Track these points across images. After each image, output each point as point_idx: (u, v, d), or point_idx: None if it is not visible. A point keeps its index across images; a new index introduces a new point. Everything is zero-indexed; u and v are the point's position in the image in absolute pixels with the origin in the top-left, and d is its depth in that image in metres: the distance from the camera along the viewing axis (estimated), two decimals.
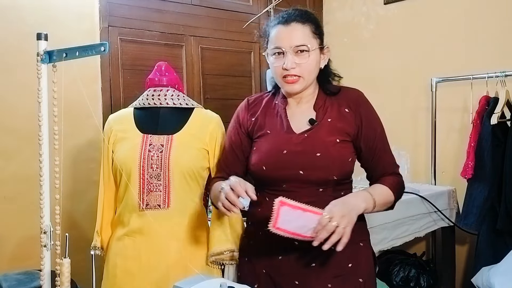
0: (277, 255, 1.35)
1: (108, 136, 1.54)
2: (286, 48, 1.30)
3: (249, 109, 1.45)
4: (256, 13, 2.96)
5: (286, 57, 1.30)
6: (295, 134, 1.34)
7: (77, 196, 2.32)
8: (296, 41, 1.30)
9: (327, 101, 1.39)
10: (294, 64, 1.30)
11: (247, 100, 1.48)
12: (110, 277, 1.52)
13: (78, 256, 1.42)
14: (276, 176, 1.32)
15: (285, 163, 1.31)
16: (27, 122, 2.09)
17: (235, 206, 1.18)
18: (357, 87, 1.52)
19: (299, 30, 1.32)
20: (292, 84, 1.32)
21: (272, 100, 1.44)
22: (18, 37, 2.16)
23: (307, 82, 1.34)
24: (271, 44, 1.34)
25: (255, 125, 1.41)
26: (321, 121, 1.35)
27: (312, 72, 1.34)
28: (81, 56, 1.00)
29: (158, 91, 1.54)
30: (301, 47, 1.30)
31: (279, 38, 1.32)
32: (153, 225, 1.43)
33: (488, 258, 2.27)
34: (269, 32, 1.37)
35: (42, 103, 1.03)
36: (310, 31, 1.33)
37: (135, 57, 2.53)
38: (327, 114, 1.36)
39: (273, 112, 1.41)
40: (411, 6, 2.94)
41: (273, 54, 1.33)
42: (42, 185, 1.04)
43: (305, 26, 1.33)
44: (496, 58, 2.54)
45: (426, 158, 2.78)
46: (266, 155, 1.34)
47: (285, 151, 1.32)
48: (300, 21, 1.32)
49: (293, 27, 1.32)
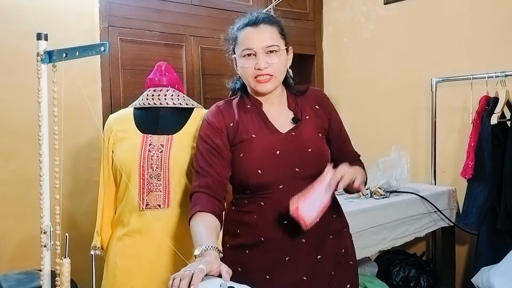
0: (284, 256, 1.33)
1: (108, 136, 1.54)
2: (257, 48, 1.32)
3: (223, 116, 1.39)
4: None
5: (258, 58, 1.31)
6: (282, 134, 1.36)
7: (77, 196, 2.32)
8: (266, 41, 1.33)
9: (297, 100, 1.43)
10: (267, 64, 1.32)
11: (217, 107, 1.43)
12: (110, 277, 1.52)
13: (78, 256, 1.42)
14: (273, 177, 1.32)
15: (281, 163, 1.32)
16: (27, 122, 2.09)
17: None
18: (357, 87, 1.53)
19: (268, 31, 1.34)
20: (265, 83, 1.34)
21: (243, 104, 1.42)
22: (18, 37, 2.16)
23: (278, 81, 1.38)
24: (240, 46, 1.36)
25: (236, 131, 1.36)
26: (302, 119, 1.39)
27: (282, 72, 1.38)
28: (81, 56, 1.00)
29: (158, 91, 1.54)
30: (272, 47, 1.33)
31: (249, 40, 1.33)
32: (153, 225, 1.43)
33: (488, 258, 2.27)
34: (236, 35, 1.38)
35: (42, 103, 1.03)
36: (277, 32, 1.36)
37: (135, 57, 2.53)
38: (303, 112, 1.41)
39: (250, 115, 1.39)
40: (411, 6, 2.94)
41: (243, 56, 1.34)
42: (42, 185, 1.04)
43: (273, 27, 1.36)
44: (496, 58, 2.54)
45: (426, 158, 2.78)
46: (260, 159, 1.32)
47: (278, 152, 1.33)
48: (268, 23, 1.36)
49: (262, 28, 1.34)
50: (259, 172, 1.32)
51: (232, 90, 1.49)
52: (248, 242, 1.36)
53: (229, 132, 1.37)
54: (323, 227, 1.32)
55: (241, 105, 1.42)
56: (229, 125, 1.37)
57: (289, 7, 3.12)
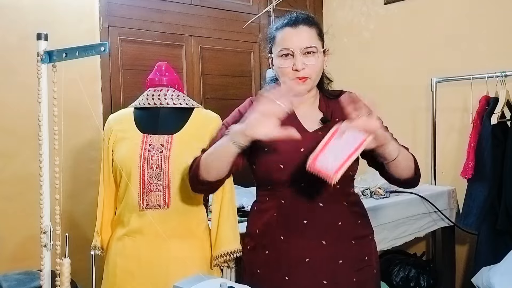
0: (304, 258, 1.33)
1: (108, 136, 1.54)
2: (295, 49, 1.31)
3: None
4: (256, 13, 2.96)
5: (296, 58, 1.31)
6: (309, 133, 1.35)
7: (77, 196, 2.32)
8: (305, 42, 1.32)
9: (329, 103, 1.42)
10: (304, 65, 1.31)
11: (250, 101, 1.45)
12: (110, 277, 1.52)
13: (78, 256, 1.42)
14: (294, 174, 1.31)
15: (304, 160, 1.28)
16: (27, 122, 2.09)
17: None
18: (357, 87, 1.52)
19: (307, 32, 1.34)
20: (301, 84, 1.34)
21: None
22: (18, 37, 2.16)
23: (314, 83, 1.37)
24: (278, 46, 1.35)
25: None
26: (331, 120, 1.38)
27: (319, 74, 1.37)
28: (81, 56, 1.00)
29: (158, 91, 1.54)
30: (310, 48, 1.33)
31: (288, 40, 1.33)
32: (153, 225, 1.43)
33: (488, 258, 2.27)
34: (275, 35, 1.38)
35: (42, 103, 1.03)
36: (316, 33, 1.37)
37: (135, 57, 2.53)
38: (334, 114, 1.39)
39: None
40: (411, 6, 2.94)
41: (281, 55, 1.34)
42: (42, 185, 1.04)
43: (312, 29, 1.36)
44: (496, 58, 2.54)
45: (426, 158, 2.78)
46: (284, 154, 1.32)
47: (303, 149, 1.31)
48: (307, 24, 1.35)
49: (301, 29, 1.34)
50: (281, 167, 1.32)
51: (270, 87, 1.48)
52: (267, 242, 1.36)
53: None
54: (345, 231, 1.32)
55: None
56: None
57: (289, 7, 3.11)
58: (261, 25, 3.02)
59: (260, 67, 3.03)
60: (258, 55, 3.01)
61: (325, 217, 1.33)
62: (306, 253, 1.32)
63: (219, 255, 1.49)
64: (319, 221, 1.33)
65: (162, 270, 1.45)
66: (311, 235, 1.31)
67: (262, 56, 3.04)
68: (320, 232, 1.32)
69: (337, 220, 1.34)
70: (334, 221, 1.34)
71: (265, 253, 1.37)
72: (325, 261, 1.32)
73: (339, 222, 1.34)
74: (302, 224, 1.31)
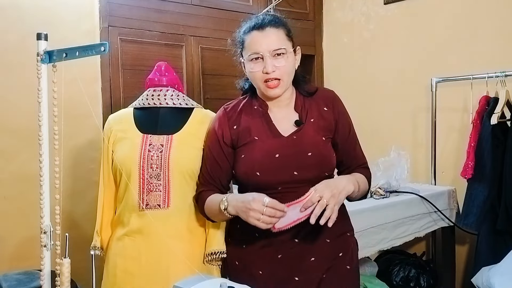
0: (277, 254, 1.36)
1: (108, 136, 1.54)
2: (264, 52, 1.32)
3: (228, 120, 1.44)
4: (256, 13, 2.95)
5: (266, 61, 1.32)
6: (284, 137, 1.38)
7: (77, 196, 2.32)
8: (273, 45, 1.33)
9: (305, 102, 1.43)
10: (274, 67, 1.32)
11: (224, 110, 1.47)
12: (110, 277, 1.52)
13: (78, 256, 1.42)
14: (271, 180, 1.34)
15: (279, 166, 1.34)
16: (27, 122, 2.09)
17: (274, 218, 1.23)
18: (357, 87, 1.53)
19: (274, 34, 1.34)
20: (274, 88, 1.35)
21: (250, 105, 1.45)
22: (18, 37, 2.16)
23: (287, 85, 1.38)
24: (247, 50, 1.37)
25: (239, 133, 1.41)
26: (305, 122, 1.39)
27: (290, 74, 1.38)
28: (81, 56, 1.00)
29: (158, 91, 1.54)
30: (279, 50, 1.33)
31: (256, 43, 1.34)
32: (153, 225, 1.43)
33: (488, 258, 2.27)
34: (243, 39, 1.39)
35: (42, 103, 1.03)
36: (284, 34, 1.36)
37: (135, 57, 2.53)
38: (309, 114, 1.40)
39: (255, 117, 1.42)
40: (411, 6, 2.94)
41: (251, 60, 1.35)
42: (42, 185, 1.04)
43: (279, 30, 1.36)
44: (496, 58, 2.54)
45: (426, 158, 2.78)
46: (259, 161, 1.35)
47: (277, 155, 1.35)
48: (274, 25, 1.35)
49: (268, 31, 1.34)
50: (257, 174, 1.35)
51: (241, 90, 1.52)
52: (244, 237, 1.41)
53: (232, 136, 1.41)
54: (319, 230, 1.32)
55: (248, 106, 1.45)
56: (233, 127, 1.42)
57: (289, 7, 3.12)
58: None
59: None
60: None
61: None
62: (279, 251, 1.36)
63: (208, 253, 1.50)
64: None
65: (162, 270, 1.45)
66: (285, 234, 1.32)
67: None
68: (293, 231, 1.33)
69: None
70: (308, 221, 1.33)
71: (242, 247, 1.43)
72: (297, 258, 1.36)
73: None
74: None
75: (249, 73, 1.38)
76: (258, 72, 1.34)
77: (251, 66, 1.36)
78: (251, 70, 1.36)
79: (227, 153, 1.42)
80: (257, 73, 1.34)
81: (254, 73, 1.35)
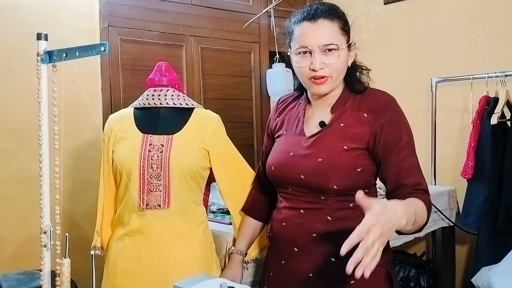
0: (294, 248, 1.30)
1: (108, 136, 1.54)
2: (313, 47, 1.20)
3: (277, 109, 1.45)
4: (256, 13, 2.96)
5: (314, 57, 1.20)
6: (305, 137, 1.29)
7: (77, 196, 2.32)
8: (324, 39, 1.20)
9: (348, 102, 1.29)
10: (323, 64, 1.20)
11: (278, 100, 1.48)
12: (110, 277, 1.52)
13: (78, 256, 1.42)
14: (282, 178, 1.32)
15: (290, 165, 1.28)
16: (27, 122, 2.09)
17: None
18: None
19: (327, 27, 1.21)
20: (320, 85, 1.23)
21: (298, 99, 1.40)
22: (18, 37, 2.16)
23: (336, 83, 1.26)
24: (295, 42, 1.24)
25: (277, 125, 1.41)
26: (331, 125, 1.26)
27: (341, 72, 1.26)
28: (81, 56, 1.00)
29: (158, 91, 1.54)
30: (330, 46, 1.21)
31: (305, 36, 1.21)
32: (153, 225, 1.43)
33: (488, 258, 2.27)
34: (293, 29, 1.26)
35: (42, 103, 1.03)
36: (338, 28, 1.24)
37: (135, 57, 2.53)
38: (342, 117, 1.26)
39: (294, 112, 1.38)
40: (411, 6, 2.94)
41: (298, 53, 1.23)
42: (42, 185, 1.04)
43: (333, 23, 1.23)
44: (496, 58, 2.54)
45: (426, 158, 2.78)
46: (276, 156, 1.34)
47: (292, 154, 1.29)
48: (328, 18, 1.22)
49: (320, 24, 1.21)
50: (272, 168, 1.35)
51: (296, 85, 1.42)
52: (272, 232, 1.40)
53: (273, 126, 1.44)
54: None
55: (295, 100, 1.43)
56: (276, 119, 1.43)
57: (289, 7, 3.11)
58: (261, 25, 3.02)
59: (260, 67, 3.03)
60: (258, 55, 3.01)
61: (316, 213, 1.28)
62: (296, 245, 1.29)
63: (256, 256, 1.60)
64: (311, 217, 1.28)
65: (162, 270, 1.45)
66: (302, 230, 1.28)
67: (262, 56, 3.04)
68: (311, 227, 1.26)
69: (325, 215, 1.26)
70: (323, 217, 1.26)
71: (269, 236, 1.45)
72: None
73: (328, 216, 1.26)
74: (294, 222, 1.31)
75: (296, 68, 1.26)
76: (305, 67, 1.22)
77: (298, 60, 1.23)
78: (298, 64, 1.24)
79: (269, 144, 1.44)
80: (304, 68, 1.22)
81: (300, 68, 1.23)
